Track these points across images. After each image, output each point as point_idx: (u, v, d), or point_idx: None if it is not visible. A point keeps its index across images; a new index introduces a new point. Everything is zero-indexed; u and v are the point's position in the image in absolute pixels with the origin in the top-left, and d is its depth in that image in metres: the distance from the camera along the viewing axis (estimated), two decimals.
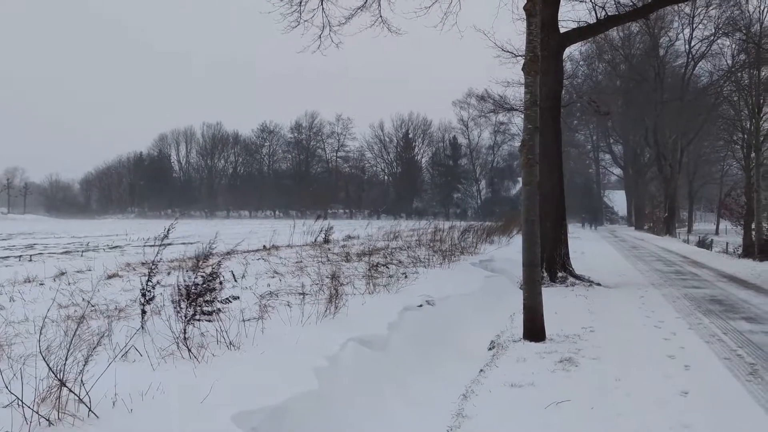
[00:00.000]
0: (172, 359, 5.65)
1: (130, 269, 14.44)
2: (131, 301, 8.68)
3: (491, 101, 47.70)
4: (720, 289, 16.29)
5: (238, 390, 5.00)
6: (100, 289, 10.64)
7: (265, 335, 6.73)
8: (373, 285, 10.93)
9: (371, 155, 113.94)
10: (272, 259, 15.61)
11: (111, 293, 10.17)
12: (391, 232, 23.22)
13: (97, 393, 4.43)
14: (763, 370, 7.81)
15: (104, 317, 7.39)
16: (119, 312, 8.09)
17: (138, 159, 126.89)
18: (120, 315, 7.83)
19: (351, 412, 5.66)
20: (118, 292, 10.35)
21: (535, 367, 7.79)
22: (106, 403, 4.44)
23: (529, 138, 9.87)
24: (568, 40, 19.20)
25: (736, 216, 32.66)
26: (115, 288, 10.99)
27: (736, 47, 34.95)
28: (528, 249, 9.75)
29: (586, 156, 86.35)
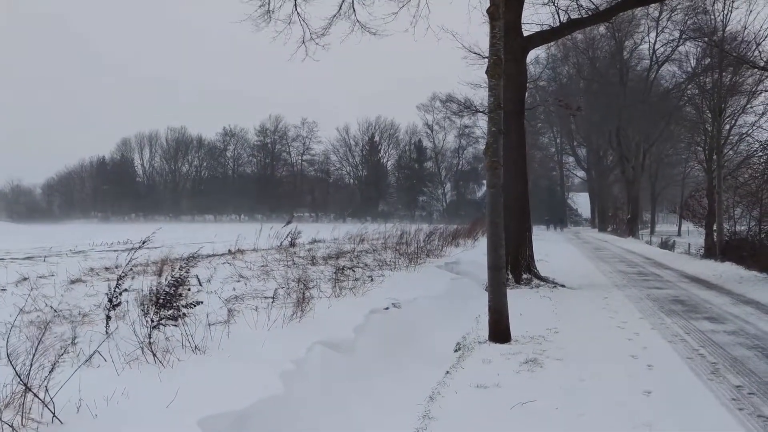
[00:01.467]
0: (137, 364, 5.59)
1: (93, 274, 14.25)
2: (95, 307, 8.57)
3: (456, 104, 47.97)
4: (682, 289, 16.53)
5: (204, 395, 4.96)
6: (64, 295, 10.48)
7: (231, 339, 6.69)
8: (339, 288, 10.90)
9: (337, 158, 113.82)
10: (238, 263, 15.50)
11: (74, 298, 10.02)
12: (357, 236, 23.20)
13: (62, 398, 4.38)
14: (724, 369, 7.94)
15: (68, 323, 7.29)
16: (83, 317, 7.98)
17: (101, 163, 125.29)
18: (84, 320, 7.72)
19: (317, 416, 5.65)
20: (82, 297, 10.20)
21: (501, 368, 7.84)
22: (70, 408, 4.38)
23: (493, 141, 9.93)
24: (531, 44, 19.36)
25: (698, 217, 33.14)
26: (78, 293, 10.84)
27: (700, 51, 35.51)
28: (493, 251, 9.81)
29: (550, 159, 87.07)
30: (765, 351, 9.03)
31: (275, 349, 6.56)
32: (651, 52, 51.22)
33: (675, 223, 57.68)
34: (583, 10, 20.61)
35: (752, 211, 25.58)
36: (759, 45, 23.35)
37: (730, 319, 11.86)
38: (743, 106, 29.84)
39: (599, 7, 20.64)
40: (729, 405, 6.47)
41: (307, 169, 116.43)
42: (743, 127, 30.85)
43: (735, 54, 25.38)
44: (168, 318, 6.30)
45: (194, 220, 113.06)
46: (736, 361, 8.42)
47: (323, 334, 7.53)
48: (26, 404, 4.23)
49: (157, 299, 6.36)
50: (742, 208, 27.67)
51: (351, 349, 7.61)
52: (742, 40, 26.85)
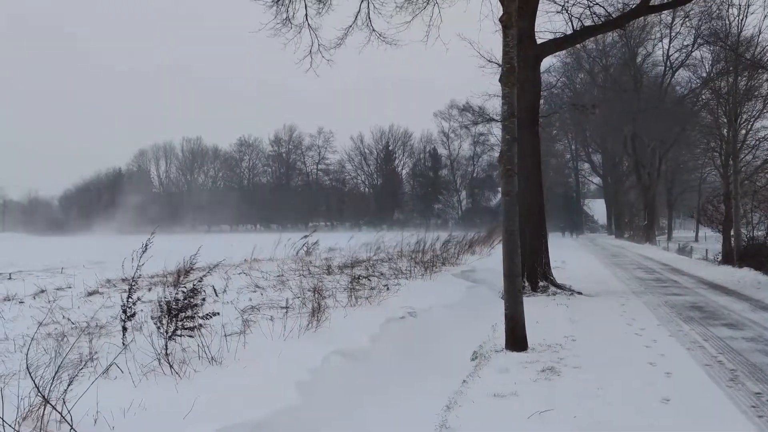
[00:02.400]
0: (154, 375, 5.62)
1: (110, 286, 14.34)
2: (112, 318, 8.63)
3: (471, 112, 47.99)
4: (700, 296, 16.41)
5: (220, 405, 4.98)
6: (81, 306, 10.56)
7: (247, 350, 6.71)
8: (355, 297, 10.92)
9: (351, 167, 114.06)
10: (253, 273, 15.56)
11: (91, 310, 10.10)
12: (373, 244, 23.24)
13: (79, 411, 4.40)
14: (743, 377, 7.87)
15: (85, 335, 7.34)
16: (100, 329, 8.03)
17: (117, 175, 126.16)
18: (101, 332, 7.78)
19: (334, 426, 5.66)
20: (99, 308, 10.27)
21: (518, 377, 7.80)
22: (87, 421, 4.41)
23: (508, 149, 9.92)
24: (544, 51, 19.35)
25: (716, 223, 32.93)
26: (95, 305, 10.91)
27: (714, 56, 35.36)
28: (508, 259, 9.78)
29: (566, 165, 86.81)
30: None
31: (291, 359, 6.58)
32: (665, 58, 51.08)
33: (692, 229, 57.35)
34: (596, 18, 20.55)
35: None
36: None
37: (749, 325, 11.76)
38: (760, 111, 29.68)
39: (612, 15, 20.61)
40: (748, 412, 6.41)
41: (323, 179, 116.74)
42: (760, 131, 30.68)
43: (750, 58, 25.24)
44: (184, 329, 6.34)
45: (210, 230, 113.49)
46: (755, 367, 8.35)
47: (339, 344, 7.55)
48: (44, 417, 4.26)
49: (169, 309, 6.39)
50: (760, 213, 27.49)
51: (367, 358, 7.61)
52: (757, 44, 26.74)
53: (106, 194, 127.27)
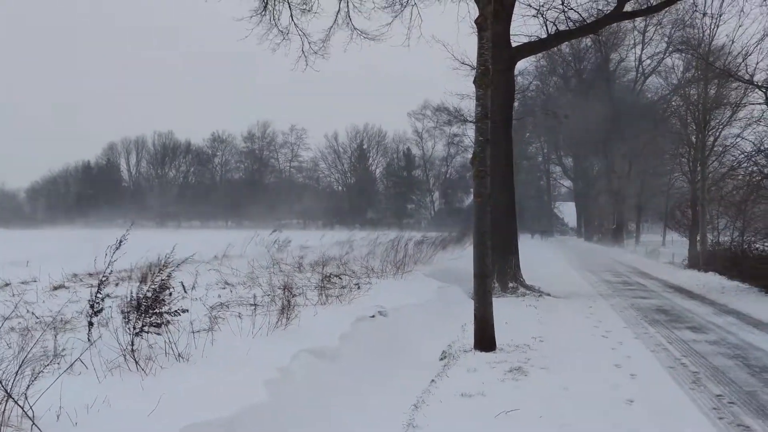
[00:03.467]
0: (119, 372, 5.58)
1: (76, 280, 14.20)
2: (77, 313, 8.54)
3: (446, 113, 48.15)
4: (666, 299, 16.64)
5: (187, 403, 4.96)
6: (46, 301, 10.45)
7: (215, 347, 6.69)
8: (325, 296, 10.92)
9: (325, 165, 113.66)
10: (223, 269, 15.49)
11: (57, 305, 9.99)
12: (345, 243, 23.22)
13: (42, 406, 4.37)
14: (705, 379, 8.02)
15: (50, 329, 7.26)
16: (65, 324, 7.96)
17: (86, 168, 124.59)
18: (66, 327, 7.70)
19: (303, 424, 5.66)
20: (65, 303, 10.16)
21: (486, 377, 7.87)
22: (50, 416, 4.38)
23: (481, 150, 9.98)
24: (519, 55, 19.51)
25: (683, 228, 33.38)
26: (61, 299, 10.80)
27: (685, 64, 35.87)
28: (479, 260, 9.85)
29: (537, 168, 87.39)
30: (746, 361, 9.12)
31: (260, 356, 6.57)
32: (637, 64, 51.70)
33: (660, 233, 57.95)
34: (571, 22, 20.76)
35: (735, 221, 25.79)
36: (745, 59, 23.60)
37: (713, 328, 11.96)
38: (728, 119, 30.15)
39: (587, 20, 20.82)
40: (710, 414, 6.53)
41: (296, 176, 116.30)
42: (727, 138, 31.18)
43: (720, 67, 25.63)
44: (151, 325, 6.29)
45: (180, 226, 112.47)
46: (717, 370, 8.50)
47: (309, 342, 7.55)
48: (6, 412, 4.23)
49: (138, 305, 6.34)
50: (726, 218, 27.90)
51: (336, 357, 7.62)
52: (728, 54, 27.13)
53: (75, 188, 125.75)
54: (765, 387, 7.63)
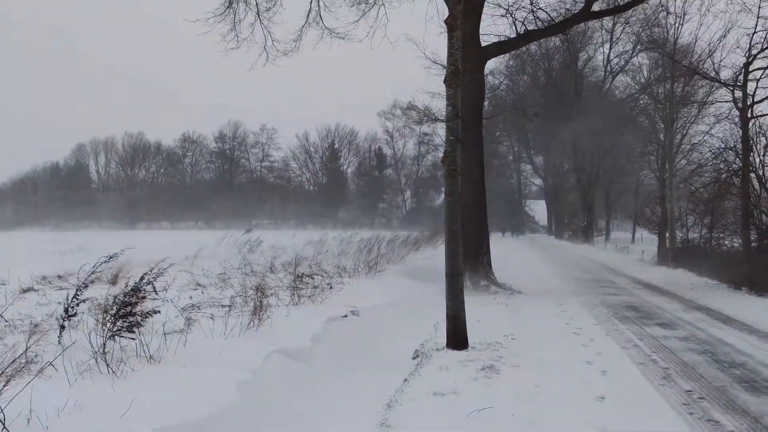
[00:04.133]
0: (90, 374, 5.52)
1: (45, 283, 14.02)
2: (47, 316, 8.43)
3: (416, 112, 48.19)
4: (636, 296, 16.82)
5: (159, 405, 4.92)
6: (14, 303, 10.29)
7: (187, 348, 6.64)
8: (297, 296, 10.90)
9: (296, 165, 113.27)
10: (195, 270, 15.38)
11: (26, 307, 9.86)
12: (317, 243, 23.19)
13: (12, 411, 4.31)
14: (675, 375, 8.11)
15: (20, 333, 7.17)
16: (35, 327, 7.85)
17: (55, 169, 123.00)
18: (36, 330, 7.60)
19: (275, 425, 5.64)
20: (34, 306, 10.04)
21: (458, 376, 7.89)
22: (20, 421, 4.32)
23: (452, 149, 10.01)
24: (489, 54, 19.61)
25: (652, 225, 33.75)
26: (30, 302, 10.66)
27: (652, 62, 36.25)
28: (451, 258, 9.88)
29: (508, 167, 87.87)
30: (715, 356, 9.24)
31: (232, 358, 6.54)
32: (605, 63, 52.13)
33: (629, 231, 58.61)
34: (540, 22, 20.93)
35: (704, 218, 26.14)
36: (710, 56, 23.91)
37: (682, 325, 12.11)
38: (695, 116, 30.54)
39: (555, 20, 21.01)
40: (680, 409, 6.61)
41: (267, 176, 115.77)
42: (695, 136, 31.57)
43: (686, 65, 25.95)
44: (124, 329, 6.24)
45: (150, 227, 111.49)
46: (687, 366, 8.61)
47: (281, 343, 7.53)
48: None
49: (117, 310, 6.28)
50: (694, 216, 28.26)
51: (309, 357, 7.61)
52: (693, 52, 27.49)
53: (43, 189, 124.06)
54: (734, 382, 7.74)
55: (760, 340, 10.52)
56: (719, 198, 23.15)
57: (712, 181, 24.36)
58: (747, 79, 18.73)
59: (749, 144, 18.22)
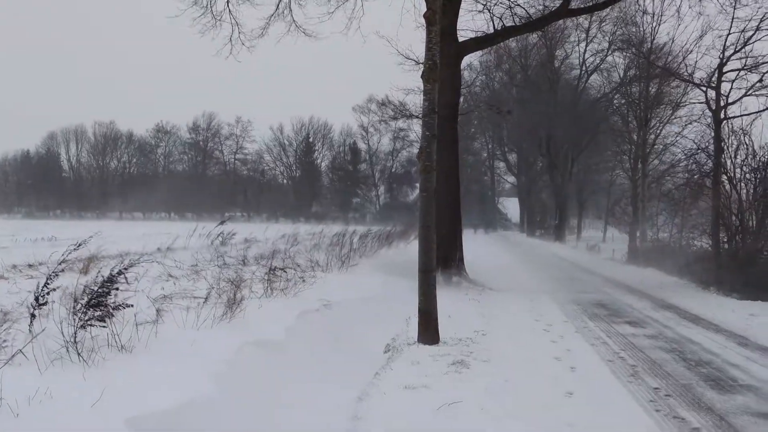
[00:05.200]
0: (61, 363, 5.48)
1: (16, 271, 13.87)
2: (18, 304, 8.34)
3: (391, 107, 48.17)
4: (606, 294, 17.01)
5: (131, 394, 4.91)
6: None
7: (159, 339, 6.61)
8: (270, 289, 10.88)
9: (270, 158, 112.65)
10: (167, 262, 15.27)
11: None
12: (290, 236, 23.13)
13: None
14: (643, 372, 8.24)
15: None
16: (5, 315, 7.76)
17: (25, 157, 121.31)
18: (5, 318, 7.52)
19: (247, 416, 5.64)
20: (4, 294, 9.92)
21: (429, 370, 7.93)
22: None
23: (427, 145, 10.04)
24: (466, 50, 19.67)
25: (623, 224, 34.14)
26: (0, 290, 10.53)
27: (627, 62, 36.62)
28: (424, 254, 9.92)
29: (482, 164, 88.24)
30: (682, 354, 9.39)
31: (204, 349, 6.52)
32: (581, 62, 52.43)
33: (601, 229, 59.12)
34: (517, 18, 21.03)
35: (674, 218, 26.50)
36: (685, 57, 24.21)
37: (650, 323, 12.28)
38: (669, 117, 30.90)
39: (533, 16, 21.11)
40: (647, 406, 6.71)
41: (240, 169, 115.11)
42: (668, 136, 31.98)
43: (661, 65, 26.24)
44: (96, 318, 6.19)
45: (122, 217, 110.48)
46: (655, 363, 8.74)
47: (254, 335, 7.53)
48: None
49: (89, 300, 6.23)
50: (665, 215, 28.63)
51: (281, 349, 7.61)
52: (668, 52, 27.80)
53: (14, 177, 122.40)
54: (700, 380, 7.88)
55: (727, 339, 10.71)
56: (691, 199, 23.48)
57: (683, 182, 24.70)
58: (721, 80, 19.01)
59: (721, 145, 18.48)
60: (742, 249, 17.66)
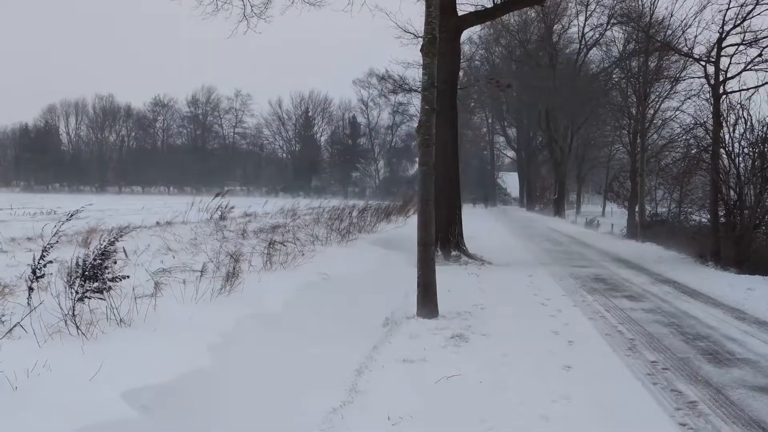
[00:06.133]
0: (60, 336, 5.49)
1: (15, 244, 13.87)
2: (17, 278, 8.34)
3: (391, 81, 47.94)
4: (604, 268, 17.04)
5: (128, 367, 4.92)
6: None
7: (158, 312, 6.62)
8: (269, 262, 10.89)
9: (269, 132, 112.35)
10: (166, 235, 15.28)
11: None
12: (290, 210, 23.13)
13: None
14: (641, 346, 8.27)
15: None
16: (3, 288, 7.77)
17: (24, 130, 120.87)
18: (4, 291, 7.53)
19: (245, 389, 5.66)
20: (3, 267, 9.94)
21: (428, 343, 7.97)
22: None
23: (426, 119, 10.01)
24: (466, 23, 19.54)
25: (622, 199, 34.12)
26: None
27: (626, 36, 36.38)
28: (423, 228, 9.93)
29: (482, 138, 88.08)
30: (680, 328, 9.42)
31: (203, 322, 6.54)
32: (580, 36, 52.16)
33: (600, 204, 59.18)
34: None
35: (673, 193, 26.49)
36: (684, 32, 24.05)
37: (649, 297, 12.31)
38: (668, 91, 30.76)
39: None
40: (644, 379, 6.75)
41: (239, 143, 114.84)
42: (666, 111, 31.86)
43: (660, 40, 26.06)
44: (94, 291, 6.20)
45: (121, 191, 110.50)
46: (653, 337, 8.77)
47: (253, 308, 7.55)
48: None
49: (84, 271, 6.23)
50: (664, 190, 28.61)
51: (280, 322, 7.64)
52: (668, 26, 27.61)
53: (13, 150, 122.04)
54: (698, 354, 7.91)
55: (725, 313, 10.74)
56: (689, 173, 23.45)
57: (682, 157, 24.66)
58: (720, 55, 18.88)
59: (720, 120, 18.41)
60: (740, 223, 17.68)
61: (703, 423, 5.54)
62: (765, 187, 17.36)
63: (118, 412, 4.26)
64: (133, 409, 4.34)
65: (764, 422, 5.61)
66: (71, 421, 3.96)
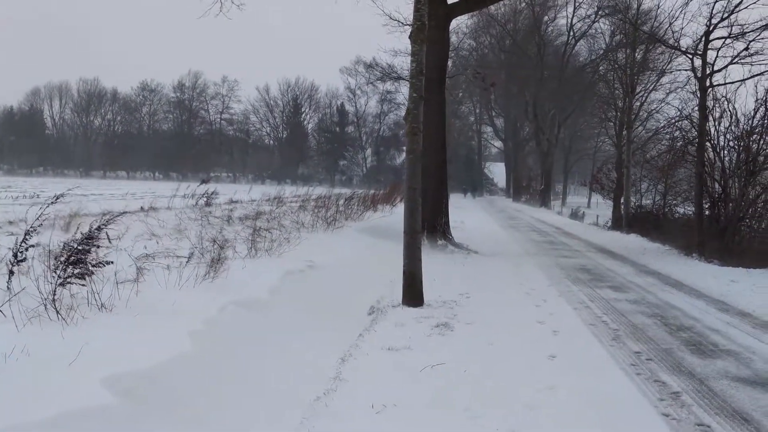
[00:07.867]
0: (39, 321, 5.42)
1: None
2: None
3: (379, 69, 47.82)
4: (589, 259, 17.08)
5: (109, 353, 4.85)
6: None
7: (140, 298, 6.56)
8: (255, 249, 10.83)
9: (256, 119, 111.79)
10: (150, 221, 15.15)
11: None
12: (276, 197, 23.03)
13: None
14: (624, 336, 8.28)
15: None
16: None
17: (8, 113, 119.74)
18: None
19: (228, 376, 5.61)
20: None
21: (413, 332, 7.95)
22: None
23: (414, 107, 9.96)
24: (455, 12, 19.46)
25: (607, 190, 34.27)
26: None
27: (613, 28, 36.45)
28: (409, 216, 9.89)
29: (469, 128, 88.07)
30: (664, 319, 9.45)
31: (186, 308, 6.48)
32: (568, 28, 52.20)
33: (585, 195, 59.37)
34: None
35: (658, 185, 26.60)
36: (671, 24, 24.09)
37: (633, 288, 12.35)
38: (654, 83, 30.86)
39: None
40: (628, 370, 6.75)
41: (226, 129, 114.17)
42: (652, 104, 31.99)
43: (647, 32, 26.10)
44: (76, 276, 6.12)
45: (106, 176, 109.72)
46: (637, 328, 8.79)
47: (237, 294, 7.49)
48: None
49: (68, 257, 6.14)
50: (649, 182, 28.74)
51: (265, 309, 7.59)
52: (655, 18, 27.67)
53: None
54: (681, 345, 7.93)
55: (708, 304, 10.79)
56: (674, 166, 23.55)
57: (667, 149, 24.75)
58: (707, 48, 18.90)
59: (706, 113, 18.46)
60: (725, 216, 17.76)
61: (686, 413, 5.54)
62: (749, 181, 17.46)
63: (98, 398, 4.19)
64: (113, 395, 4.27)
65: (746, 413, 5.62)
66: (49, 408, 3.88)
